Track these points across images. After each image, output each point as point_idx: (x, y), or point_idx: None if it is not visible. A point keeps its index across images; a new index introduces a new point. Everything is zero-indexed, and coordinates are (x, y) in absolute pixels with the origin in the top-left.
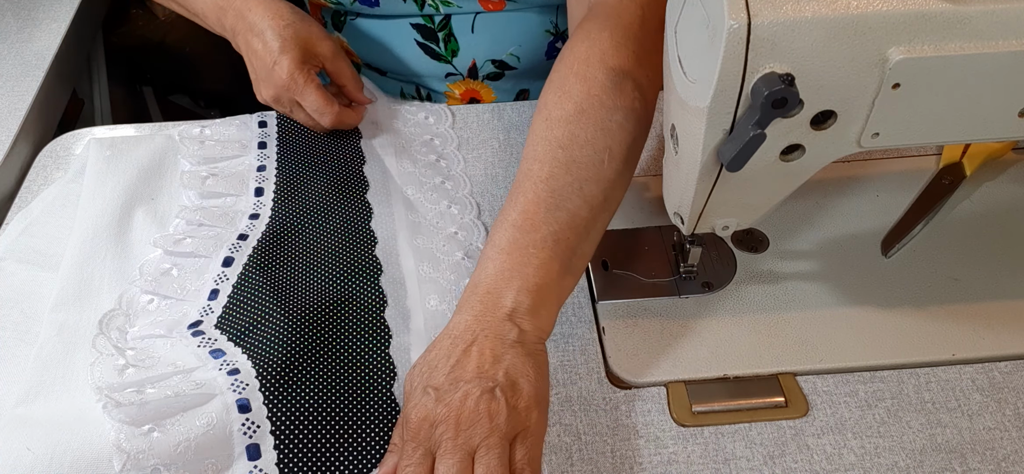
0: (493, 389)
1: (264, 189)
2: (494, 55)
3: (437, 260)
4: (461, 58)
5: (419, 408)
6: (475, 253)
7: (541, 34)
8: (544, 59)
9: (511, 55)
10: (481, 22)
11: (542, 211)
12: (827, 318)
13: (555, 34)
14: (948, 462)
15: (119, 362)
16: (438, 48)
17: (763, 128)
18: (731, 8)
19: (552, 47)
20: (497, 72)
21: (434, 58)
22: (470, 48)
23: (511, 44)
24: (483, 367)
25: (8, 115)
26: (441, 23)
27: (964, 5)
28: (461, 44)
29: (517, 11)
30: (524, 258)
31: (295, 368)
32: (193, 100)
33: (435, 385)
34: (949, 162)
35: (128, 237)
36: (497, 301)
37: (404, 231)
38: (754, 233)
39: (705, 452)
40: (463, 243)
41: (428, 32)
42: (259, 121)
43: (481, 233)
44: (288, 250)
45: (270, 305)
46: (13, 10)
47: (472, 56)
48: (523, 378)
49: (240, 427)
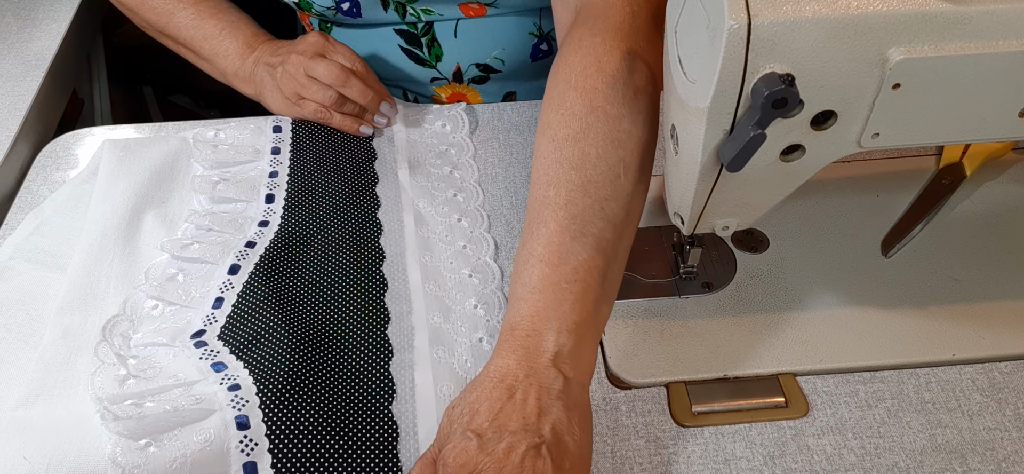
0: (539, 446)
1: (275, 196)
2: (478, 59)
3: (443, 278)
4: (445, 63)
5: (460, 453)
6: (482, 268)
7: (525, 36)
8: (529, 61)
9: (495, 59)
10: (463, 27)
11: (568, 240)
12: (827, 318)
13: (539, 36)
14: (948, 462)
15: (120, 372)
16: (422, 53)
17: (763, 128)
18: (731, 8)
19: (536, 49)
20: (482, 76)
21: (419, 63)
22: (454, 53)
23: (495, 48)
24: (528, 419)
25: (8, 115)
26: (424, 29)
27: (964, 5)
28: (444, 49)
29: (499, 15)
30: (558, 295)
31: (296, 385)
32: (193, 100)
33: (477, 430)
34: (949, 162)
35: (137, 240)
36: (539, 345)
37: (412, 246)
38: (754, 233)
39: (705, 452)
40: (470, 259)
41: (412, 38)
42: (274, 126)
43: (490, 246)
44: (294, 261)
45: (273, 318)
46: (13, 10)
47: (456, 60)
48: (569, 436)
49: (238, 444)
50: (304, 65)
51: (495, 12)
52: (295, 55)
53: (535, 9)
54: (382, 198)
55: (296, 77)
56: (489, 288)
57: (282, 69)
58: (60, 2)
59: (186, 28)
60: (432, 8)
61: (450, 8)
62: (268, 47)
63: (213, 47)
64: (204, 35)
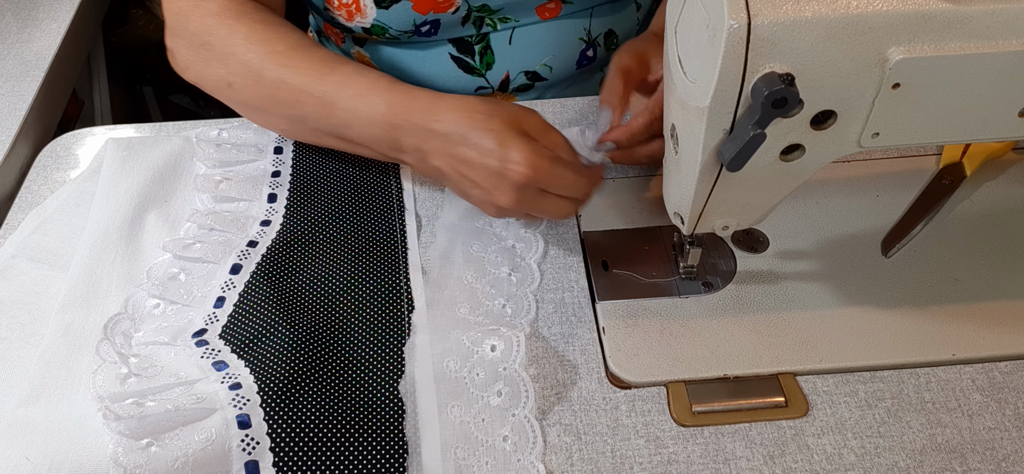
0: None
1: (277, 195)
2: (528, 67)
3: (444, 277)
4: (495, 71)
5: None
6: (485, 269)
7: (575, 42)
8: (574, 69)
9: (544, 66)
10: (518, 34)
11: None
12: (827, 318)
13: (587, 41)
14: (948, 462)
15: (122, 371)
16: (473, 62)
17: (763, 128)
18: (731, 8)
19: (583, 55)
20: (528, 84)
21: (467, 72)
22: (505, 61)
23: (546, 54)
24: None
25: (8, 115)
26: (478, 37)
27: (964, 5)
28: (496, 57)
29: (555, 19)
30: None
31: (297, 384)
32: (193, 100)
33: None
34: (949, 162)
35: (139, 239)
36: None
37: (413, 247)
38: (754, 233)
39: (705, 452)
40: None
41: (464, 46)
42: None
43: (491, 246)
44: (296, 260)
45: (275, 317)
46: (13, 10)
47: (506, 69)
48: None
49: (239, 443)
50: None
51: (568, 9)
52: (507, 202)
53: (586, 10)
54: (384, 198)
55: (506, 200)
56: (490, 287)
57: (480, 196)
58: (60, 2)
59: (321, 121)
60: (510, 15)
61: (528, 12)
62: (418, 128)
63: (359, 134)
64: (342, 123)
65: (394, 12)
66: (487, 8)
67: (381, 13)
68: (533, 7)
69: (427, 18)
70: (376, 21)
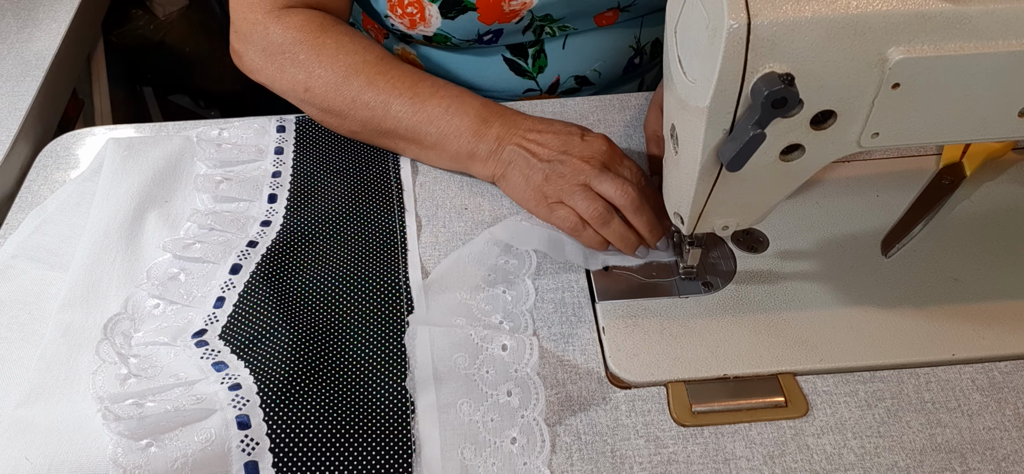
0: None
1: (278, 195)
2: (579, 71)
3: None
4: (546, 75)
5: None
6: (491, 270)
7: (624, 49)
8: (621, 73)
9: (593, 71)
10: (573, 40)
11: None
12: (827, 318)
13: (636, 48)
14: (948, 462)
15: (121, 371)
16: (526, 64)
17: (763, 128)
18: (731, 8)
19: (631, 62)
20: (576, 87)
21: (519, 74)
22: (557, 65)
23: (597, 60)
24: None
25: (8, 115)
26: (534, 41)
27: (964, 5)
28: (549, 60)
29: (609, 27)
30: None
31: (296, 385)
32: (193, 100)
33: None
34: (949, 162)
35: (140, 239)
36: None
37: (414, 247)
38: (754, 233)
39: (705, 452)
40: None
41: (518, 49)
42: (278, 125)
43: (492, 245)
44: (296, 261)
45: (275, 317)
46: (13, 10)
47: (557, 73)
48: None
49: (239, 444)
50: (588, 176)
51: (624, 17)
52: (578, 160)
53: (638, 19)
54: (384, 199)
55: (570, 182)
56: (488, 287)
57: (553, 167)
58: (60, 2)
59: (406, 117)
60: (570, 24)
61: (586, 21)
62: (509, 121)
63: (440, 129)
64: (428, 118)
65: (459, 22)
66: (550, 17)
67: (446, 23)
68: (592, 15)
69: (491, 28)
70: (440, 30)
